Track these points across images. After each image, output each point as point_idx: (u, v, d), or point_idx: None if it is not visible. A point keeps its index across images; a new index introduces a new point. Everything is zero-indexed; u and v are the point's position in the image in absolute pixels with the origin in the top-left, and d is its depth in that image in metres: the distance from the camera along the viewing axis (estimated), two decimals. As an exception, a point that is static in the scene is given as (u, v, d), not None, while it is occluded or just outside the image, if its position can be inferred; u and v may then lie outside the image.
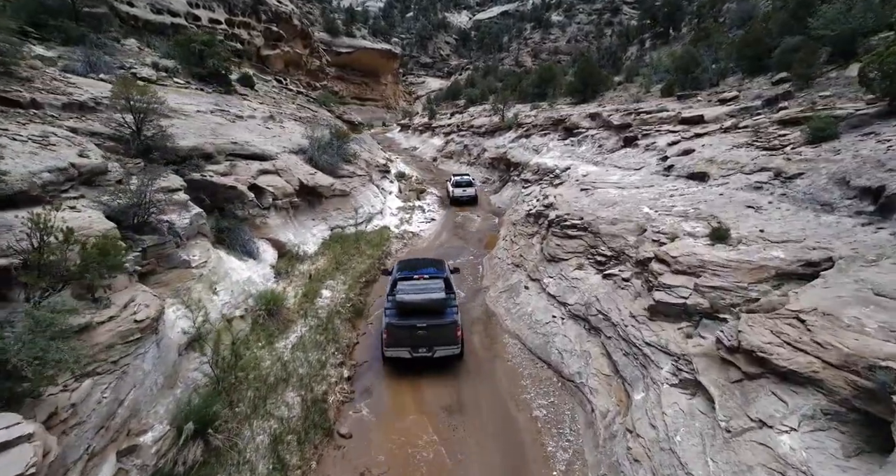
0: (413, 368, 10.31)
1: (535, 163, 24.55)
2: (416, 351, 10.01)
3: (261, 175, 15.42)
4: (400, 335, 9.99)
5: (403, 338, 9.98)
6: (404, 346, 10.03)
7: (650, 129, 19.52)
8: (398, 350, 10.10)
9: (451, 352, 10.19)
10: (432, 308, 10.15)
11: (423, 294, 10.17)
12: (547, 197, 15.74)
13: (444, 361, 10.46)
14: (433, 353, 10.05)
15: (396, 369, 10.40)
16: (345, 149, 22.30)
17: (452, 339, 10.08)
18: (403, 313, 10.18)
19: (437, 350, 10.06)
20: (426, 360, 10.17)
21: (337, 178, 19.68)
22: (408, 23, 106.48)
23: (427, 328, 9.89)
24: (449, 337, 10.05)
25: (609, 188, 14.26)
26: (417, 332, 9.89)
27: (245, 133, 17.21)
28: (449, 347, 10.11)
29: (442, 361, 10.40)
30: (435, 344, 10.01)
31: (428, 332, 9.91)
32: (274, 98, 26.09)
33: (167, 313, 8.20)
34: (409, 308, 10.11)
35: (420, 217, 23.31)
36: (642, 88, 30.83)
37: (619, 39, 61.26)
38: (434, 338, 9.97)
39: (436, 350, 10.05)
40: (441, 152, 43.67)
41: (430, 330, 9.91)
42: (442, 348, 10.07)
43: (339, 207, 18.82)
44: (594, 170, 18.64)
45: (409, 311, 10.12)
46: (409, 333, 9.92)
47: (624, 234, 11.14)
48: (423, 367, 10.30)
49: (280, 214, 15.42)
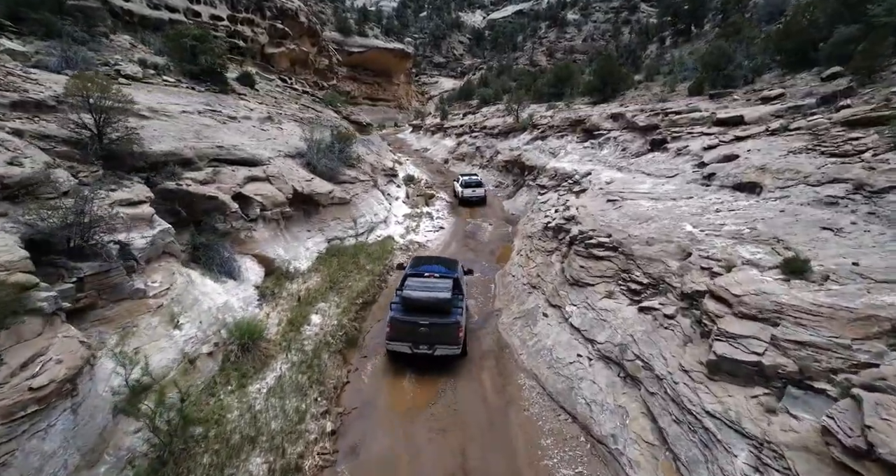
0: (410, 429, 8.57)
1: (552, 167, 22.65)
2: (417, 347, 10.04)
3: (248, 183, 13.79)
4: (402, 330, 10.02)
5: (405, 333, 10.01)
6: (406, 341, 10.07)
7: (681, 131, 17.54)
8: (399, 344, 10.15)
9: (451, 351, 10.17)
10: (437, 307, 10.08)
11: (430, 292, 10.19)
12: (568, 208, 13.87)
13: (453, 406, 8.74)
14: (434, 350, 10.04)
15: (390, 424, 8.67)
16: (347, 152, 20.63)
17: (454, 339, 10.04)
18: (409, 309, 10.19)
19: (438, 348, 10.04)
20: (427, 357, 10.16)
21: (337, 185, 18.00)
22: (421, 22, 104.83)
23: (429, 326, 9.91)
24: (450, 337, 10.01)
25: (640, 200, 12.35)
26: (420, 328, 9.91)
27: (235, 136, 15.61)
28: (450, 347, 10.09)
29: (444, 369, 10.18)
30: (436, 342, 10.01)
31: (430, 330, 9.92)
32: (275, 98, 24.55)
33: (100, 363, 6.55)
34: (414, 304, 10.13)
35: (428, 225, 21.55)
36: (667, 87, 28.77)
37: (638, 37, 58.85)
38: (436, 336, 9.96)
39: (436, 348, 10.03)
40: (453, 154, 41.88)
41: (433, 328, 9.92)
42: (443, 347, 10.06)
43: (337, 217, 17.14)
44: (619, 176, 16.71)
45: (414, 307, 10.14)
46: (411, 329, 9.95)
47: (663, 257, 9.26)
48: (425, 427, 8.57)
49: (269, 227, 13.77)
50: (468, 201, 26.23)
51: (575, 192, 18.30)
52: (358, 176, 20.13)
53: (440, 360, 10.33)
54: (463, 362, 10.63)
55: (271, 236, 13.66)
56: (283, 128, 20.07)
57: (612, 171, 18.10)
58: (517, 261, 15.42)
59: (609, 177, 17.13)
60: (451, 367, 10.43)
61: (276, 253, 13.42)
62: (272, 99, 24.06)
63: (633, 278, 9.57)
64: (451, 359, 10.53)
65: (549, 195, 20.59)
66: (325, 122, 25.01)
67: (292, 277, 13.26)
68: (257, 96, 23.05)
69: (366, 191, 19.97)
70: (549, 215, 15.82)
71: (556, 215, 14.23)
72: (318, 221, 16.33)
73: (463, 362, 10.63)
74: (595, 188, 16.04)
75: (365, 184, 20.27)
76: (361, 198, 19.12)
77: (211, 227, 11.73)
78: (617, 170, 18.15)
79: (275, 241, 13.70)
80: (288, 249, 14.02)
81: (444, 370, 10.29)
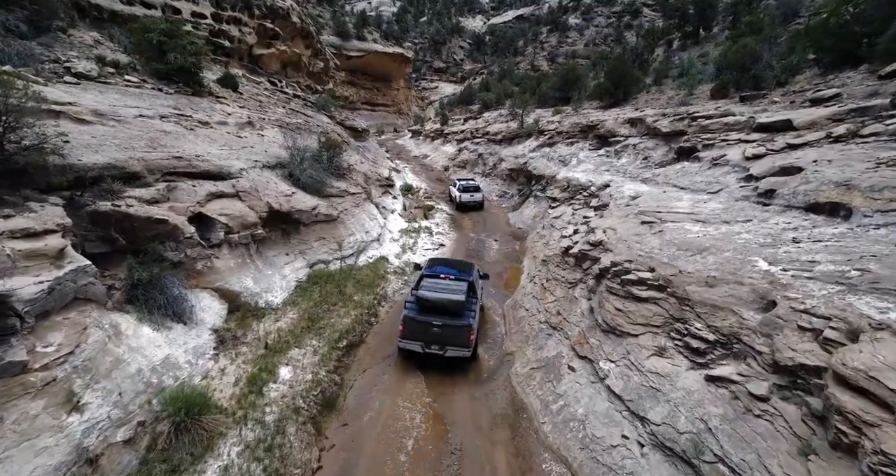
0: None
1: (563, 177, 20.32)
2: (429, 347, 10.09)
3: (212, 200, 11.45)
4: (415, 329, 10.09)
5: (418, 332, 10.07)
6: (418, 340, 10.12)
7: (713, 137, 15.22)
8: (411, 343, 10.21)
9: (461, 353, 10.16)
10: (450, 308, 10.12)
11: (444, 294, 10.25)
12: (592, 231, 11.51)
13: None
14: (444, 351, 10.07)
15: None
16: (337, 161, 18.32)
17: (465, 341, 10.05)
18: (422, 309, 10.26)
19: (449, 350, 10.06)
20: (438, 357, 10.16)
21: (323, 199, 15.66)
22: (421, 27, 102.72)
23: (442, 327, 9.93)
24: (462, 339, 10.03)
25: (684, 222, 9.99)
26: (432, 329, 9.95)
27: (203, 144, 13.29)
28: (460, 349, 10.10)
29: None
30: (447, 343, 10.02)
31: (442, 331, 9.95)
32: (260, 101, 22.24)
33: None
34: (428, 305, 10.19)
35: (427, 242, 19.19)
36: (684, 89, 26.55)
37: (645, 40, 56.67)
38: (447, 337, 9.98)
39: (447, 349, 10.05)
40: (454, 161, 39.57)
41: (445, 329, 9.95)
42: (453, 349, 10.07)
43: (322, 237, 14.77)
44: (645, 190, 14.38)
45: (428, 307, 10.19)
46: (423, 329, 10.01)
47: (733, 304, 6.91)
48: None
49: (235, 253, 11.42)
50: (465, 206, 25.77)
51: (594, 206, 15.97)
52: (348, 188, 17.78)
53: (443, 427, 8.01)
54: (470, 434, 8.27)
55: (238, 265, 11.30)
56: (265, 134, 17.75)
57: (634, 184, 15.77)
58: (530, 289, 13.05)
59: (633, 190, 14.80)
60: (458, 435, 8.08)
61: (243, 285, 11.05)
62: (256, 102, 21.76)
63: (691, 331, 7.21)
64: (458, 421, 8.24)
65: (563, 209, 18.25)
66: (314, 128, 22.70)
67: (262, 315, 10.88)
68: (239, 99, 20.75)
69: (357, 205, 17.61)
70: (566, 236, 13.47)
71: (579, 239, 11.87)
72: (299, 243, 13.97)
73: (470, 434, 8.27)
74: (619, 204, 13.70)
75: (356, 197, 17.92)
76: (351, 214, 16.75)
77: (158, 256, 9.36)
78: (641, 182, 15.81)
79: (242, 271, 11.33)
80: (259, 279, 11.64)
81: (449, 444, 7.94)
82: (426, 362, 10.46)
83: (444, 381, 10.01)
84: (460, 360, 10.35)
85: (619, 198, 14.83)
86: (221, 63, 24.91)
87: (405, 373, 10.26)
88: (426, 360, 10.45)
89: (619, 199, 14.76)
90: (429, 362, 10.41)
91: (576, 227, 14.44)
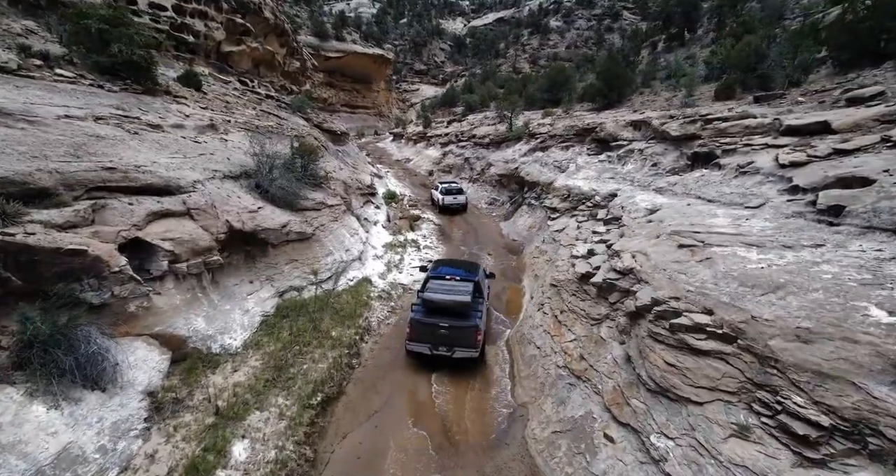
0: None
1: (563, 185, 18.41)
2: (437, 349, 9.94)
3: (154, 221, 9.14)
4: (422, 331, 9.95)
5: (425, 334, 9.95)
6: (425, 342, 9.99)
7: (733, 142, 13.46)
8: (419, 345, 10.06)
9: (469, 354, 9.96)
10: (456, 309, 10.02)
11: (450, 295, 10.12)
12: (617, 254, 9.50)
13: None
14: (452, 352, 9.91)
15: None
16: (313, 169, 16.06)
17: (472, 342, 9.89)
18: (429, 311, 10.15)
19: (457, 351, 9.89)
20: (446, 359, 9.96)
21: (296, 214, 13.41)
22: (401, 29, 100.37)
23: (449, 328, 9.80)
24: (469, 340, 9.87)
25: (732, 245, 8.04)
26: (440, 330, 9.82)
27: (149, 151, 10.93)
28: (468, 350, 9.91)
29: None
30: (455, 344, 9.87)
31: (449, 332, 9.82)
32: (228, 102, 19.80)
33: None
34: (434, 306, 10.08)
35: (414, 258, 17.03)
36: (680, 90, 25.02)
37: (630, 42, 55.54)
38: (455, 338, 9.85)
39: (455, 350, 9.89)
40: (438, 165, 37.45)
41: (452, 330, 9.82)
42: (461, 350, 9.89)
43: (295, 259, 12.51)
44: (663, 202, 12.51)
45: (435, 309, 10.09)
46: (431, 331, 9.87)
47: (849, 373, 5.01)
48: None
49: (183, 286, 9.11)
50: (449, 209, 25.16)
51: (602, 219, 14.08)
52: (325, 200, 15.52)
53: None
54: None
55: (186, 301, 8.99)
56: (230, 139, 15.40)
57: (647, 194, 13.91)
58: (539, 320, 11.01)
59: (648, 202, 12.93)
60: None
61: (193, 327, 8.76)
62: (222, 103, 19.33)
63: (789, 408, 5.25)
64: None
65: (565, 221, 16.32)
66: (287, 132, 20.36)
67: (216, 364, 8.62)
68: (203, 100, 18.30)
69: (336, 219, 15.35)
70: (579, 256, 11.48)
71: (600, 263, 9.84)
72: (267, 268, 11.69)
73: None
74: (636, 218, 11.80)
75: (335, 210, 15.65)
76: (329, 230, 14.48)
77: (71, 300, 7.05)
78: (655, 192, 13.96)
79: (191, 309, 9.02)
80: (213, 318, 9.35)
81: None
82: (422, 413, 8.37)
83: (444, 448, 7.90)
84: (468, 368, 10.07)
85: (632, 210, 12.95)
86: (185, 60, 22.36)
87: (396, 436, 8.12)
88: (422, 412, 8.36)
89: (633, 212, 12.87)
90: (426, 416, 8.31)
91: (586, 244, 12.49)
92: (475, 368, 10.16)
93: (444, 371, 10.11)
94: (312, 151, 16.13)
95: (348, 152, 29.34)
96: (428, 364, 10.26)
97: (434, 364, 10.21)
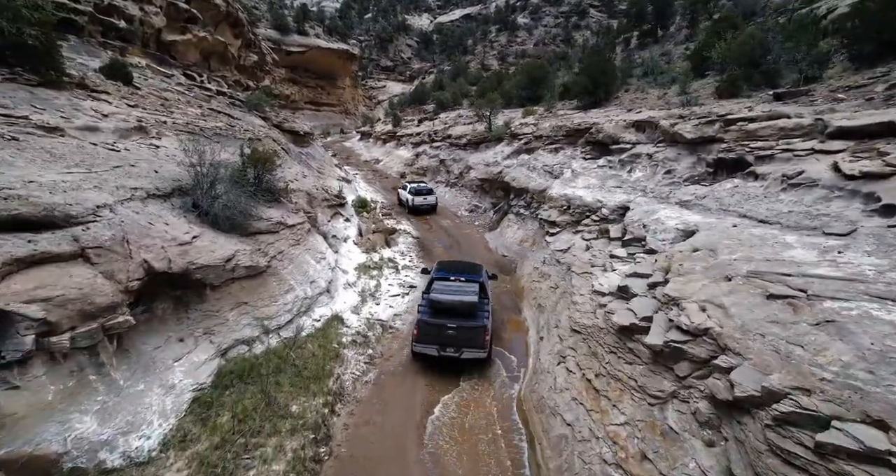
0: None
1: (560, 194, 15.99)
2: (444, 350, 9.72)
3: (16, 273, 6.08)
4: (430, 333, 9.74)
5: (433, 335, 9.73)
6: (433, 343, 9.76)
7: (767, 146, 11.39)
8: (426, 347, 9.81)
9: (477, 355, 9.78)
10: (464, 310, 9.87)
11: (457, 296, 9.96)
12: (676, 303, 7.00)
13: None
14: (460, 353, 9.69)
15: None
16: (269, 180, 13.07)
17: (480, 342, 9.72)
18: (436, 312, 9.98)
19: (465, 351, 9.68)
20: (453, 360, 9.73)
21: (246, 240, 10.46)
22: (366, 24, 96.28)
23: (457, 329, 9.62)
24: (477, 340, 9.70)
25: (858, 299, 5.66)
26: (447, 331, 9.64)
27: (28, 165, 7.82)
28: (476, 351, 9.73)
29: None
30: (463, 345, 9.66)
31: (457, 333, 9.63)
32: (165, 99, 16.47)
33: None
34: (441, 307, 9.93)
35: (393, 283, 14.30)
36: (670, 87, 23.21)
37: (605, 39, 53.98)
38: (462, 339, 9.65)
39: (463, 351, 9.67)
40: (411, 167, 34.61)
41: (460, 331, 9.63)
42: (469, 350, 9.69)
43: (244, 301, 9.56)
44: (698, 220, 10.23)
45: (442, 310, 9.93)
46: (438, 332, 9.68)
47: None
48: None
49: (61, 371, 6.10)
50: (419, 210, 24.19)
51: (618, 239, 11.75)
52: (285, 218, 12.56)
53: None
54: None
55: (64, 394, 5.99)
56: (162, 145, 12.26)
57: (671, 208, 11.64)
58: (562, 379, 8.47)
59: (677, 219, 10.65)
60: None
61: (73, 435, 5.78)
62: (159, 100, 15.99)
63: None
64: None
65: (568, 238, 13.92)
66: (240, 134, 17.21)
67: (116, 486, 5.72)
68: (133, 96, 14.96)
69: (298, 241, 12.42)
70: (605, 291, 9.02)
71: (650, 312, 7.31)
72: (205, 317, 8.73)
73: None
74: (677, 246, 9.48)
75: (296, 230, 12.72)
76: (289, 257, 11.54)
77: None
78: (679, 206, 11.70)
79: (74, 404, 6.03)
80: (113, 411, 6.39)
81: None
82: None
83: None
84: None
85: (658, 230, 10.65)
86: (115, 48, 18.77)
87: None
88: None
89: (659, 232, 10.57)
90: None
91: (608, 272, 10.07)
92: (489, 454, 7.58)
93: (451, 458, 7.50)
94: (268, 159, 13.09)
95: (313, 155, 26.20)
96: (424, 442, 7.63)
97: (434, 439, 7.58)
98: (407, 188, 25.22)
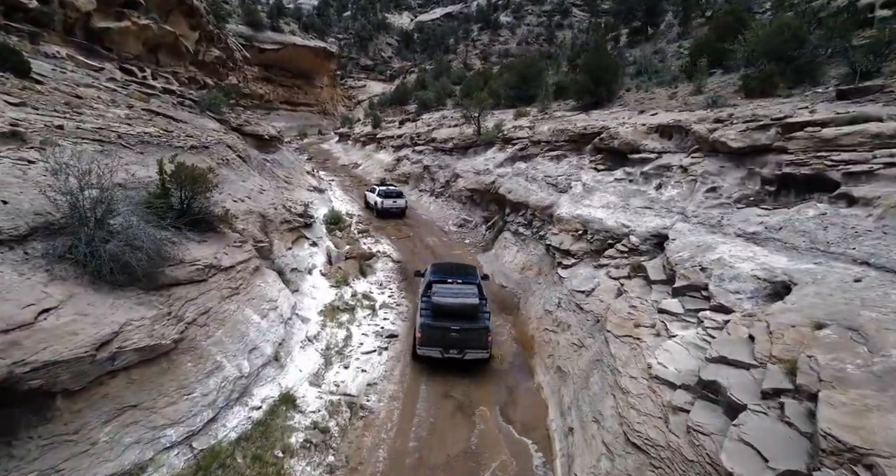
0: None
1: (572, 215, 12.84)
2: (448, 352, 9.65)
3: None
4: (433, 335, 9.64)
5: (436, 338, 9.64)
6: (436, 346, 9.67)
7: (856, 159, 8.55)
8: (430, 349, 9.72)
9: (480, 355, 9.79)
10: (466, 312, 9.81)
11: (459, 298, 9.89)
12: (872, 472, 4.00)
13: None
14: (463, 354, 9.66)
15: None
16: (201, 204, 9.66)
17: (483, 343, 9.71)
18: (438, 315, 9.87)
19: (468, 353, 9.66)
20: (456, 361, 9.69)
21: (151, 297, 7.04)
22: (345, 22, 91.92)
23: (459, 331, 9.56)
24: (480, 341, 9.69)
25: None
26: (450, 334, 9.56)
27: None
28: (478, 351, 9.72)
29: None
30: (466, 347, 9.63)
31: (460, 335, 9.57)
32: (77, 96, 12.87)
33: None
34: (444, 310, 9.81)
35: (368, 334, 10.98)
36: (677, 85, 20.46)
37: (592, 36, 51.25)
38: (465, 341, 9.61)
39: (466, 352, 9.65)
40: (392, 173, 31.18)
41: (462, 333, 9.58)
42: (472, 351, 9.68)
43: (130, 405, 6.07)
44: (790, 267, 7.24)
45: (444, 313, 9.82)
46: (441, 334, 9.59)
47: None
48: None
49: None
50: (388, 213, 22.68)
51: (662, 282, 8.73)
52: (219, 257, 9.10)
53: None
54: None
55: None
56: (41, 160, 8.69)
57: (734, 243, 8.64)
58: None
59: (753, 263, 7.69)
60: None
61: None
62: (68, 98, 12.34)
63: None
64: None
65: (589, 274, 10.82)
66: (180, 141, 13.64)
67: None
68: (24, 91, 11.28)
69: (235, 290, 8.98)
70: (672, 383, 5.95)
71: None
72: (52, 447, 5.23)
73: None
74: (784, 320, 6.45)
75: (235, 273, 9.26)
76: (218, 319, 8.07)
77: None
78: (744, 240, 8.68)
79: None
80: None
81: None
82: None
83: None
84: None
85: (726, 277, 7.65)
86: (23, 34, 14.96)
87: None
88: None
89: (728, 280, 7.58)
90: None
91: (666, 340, 6.98)
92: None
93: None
94: (200, 177, 9.64)
95: (280, 162, 22.65)
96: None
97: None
98: (375, 191, 23.62)
